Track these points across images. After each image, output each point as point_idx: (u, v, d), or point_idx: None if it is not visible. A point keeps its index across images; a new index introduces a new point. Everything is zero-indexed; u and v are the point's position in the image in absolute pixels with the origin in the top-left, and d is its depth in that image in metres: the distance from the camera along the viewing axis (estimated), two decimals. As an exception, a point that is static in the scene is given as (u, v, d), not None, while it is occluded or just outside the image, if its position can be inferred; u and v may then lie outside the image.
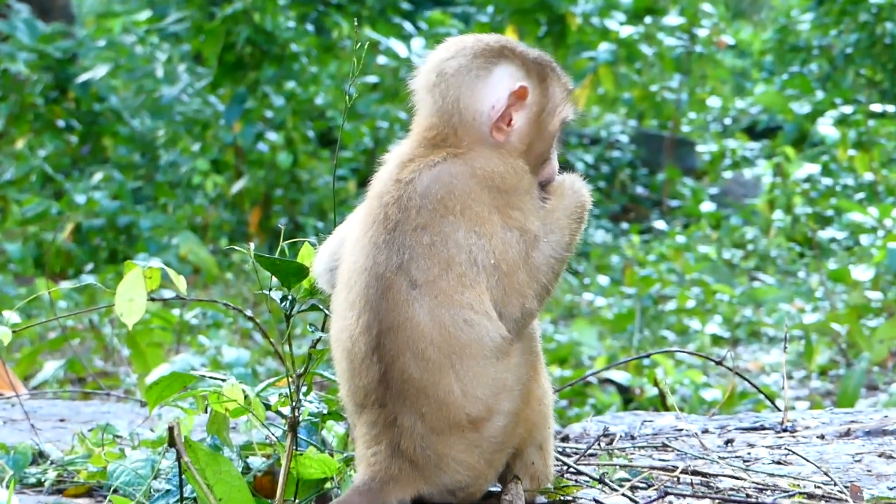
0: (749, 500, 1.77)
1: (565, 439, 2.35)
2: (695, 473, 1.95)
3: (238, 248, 2.20)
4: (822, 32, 14.19)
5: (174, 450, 1.78)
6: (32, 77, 10.19)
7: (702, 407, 4.04)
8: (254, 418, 1.97)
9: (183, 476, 1.85)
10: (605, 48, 11.14)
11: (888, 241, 6.30)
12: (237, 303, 6.34)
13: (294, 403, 1.96)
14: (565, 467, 1.99)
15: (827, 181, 9.55)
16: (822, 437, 2.26)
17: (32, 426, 2.87)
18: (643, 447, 2.22)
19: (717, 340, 5.74)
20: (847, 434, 2.27)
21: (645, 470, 1.98)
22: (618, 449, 2.21)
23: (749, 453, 2.14)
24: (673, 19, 11.83)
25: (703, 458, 2.08)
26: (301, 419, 1.98)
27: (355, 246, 1.68)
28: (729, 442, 2.24)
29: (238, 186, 9.42)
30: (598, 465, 2.05)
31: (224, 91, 9.62)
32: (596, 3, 11.58)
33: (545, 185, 1.79)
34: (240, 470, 1.96)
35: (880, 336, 4.59)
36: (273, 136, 9.50)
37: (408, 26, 11.64)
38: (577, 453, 2.15)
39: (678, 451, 2.16)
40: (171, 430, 1.77)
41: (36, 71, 10.22)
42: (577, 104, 1.86)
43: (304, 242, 2.01)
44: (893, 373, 4.65)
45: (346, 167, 10.30)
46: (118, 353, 5.20)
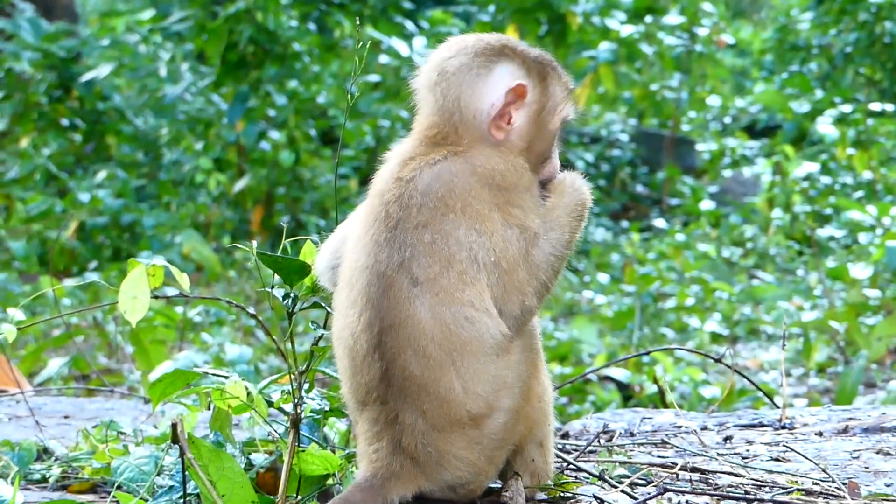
0: (747, 496, 1.77)
1: (565, 436, 2.36)
2: (694, 470, 1.96)
3: (241, 245, 2.19)
4: (821, 32, 14.17)
5: (177, 446, 1.78)
6: (36, 76, 10.18)
7: (701, 404, 4.04)
8: (256, 415, 1.97)
9: (186, 472, 1.85)
10: (605, 47, 11.13)
11: (887, 239, 6.30)
12: (240, 300, 6.34)
13: (296, 400, 1.96)
14: (565, 464, 1.99)
15: (826, 180, 9.55)
16: (821, 435, 2.26)
17: (37, 423, 2.87)
18: (642, 444, 2.23)
19: (716, 338, 5.74)
20: (845, 431, 2.27)
21: (644, 467, 1.99)
22: (617, 446, 2.21)
23: (748, 450, 2.14)
24: (673, 18, 11.82)
25: (702, 455, 2.08)
26: (303, 416, 1.98)
27: (357, 244, 1.68)
28: (728, 439, 2.25)
29: (241, 185, 9.42)
30: (597, 461, 2.05)
31: (227, 90, 9.62)
32: (596, 3, 11.57)
33: (546, 183, 1.78)
34: (242, 466, 1.96)
35: (878, 334, 4.60)
36: (275, 135, 9.50)
37: (409, 25, 11.63)
38: (576, 450, 2.15)
39: (677, 447, 2.16)
40: (174, 426, 1.78)
41: (40, 70, 10.21)
42: (577, 103, 1.86)
43: (306, 240, 2.01)
44: (891, 370, 4.65)
45: (348, 165, 10.30)
46: (122, 350, 5.21)
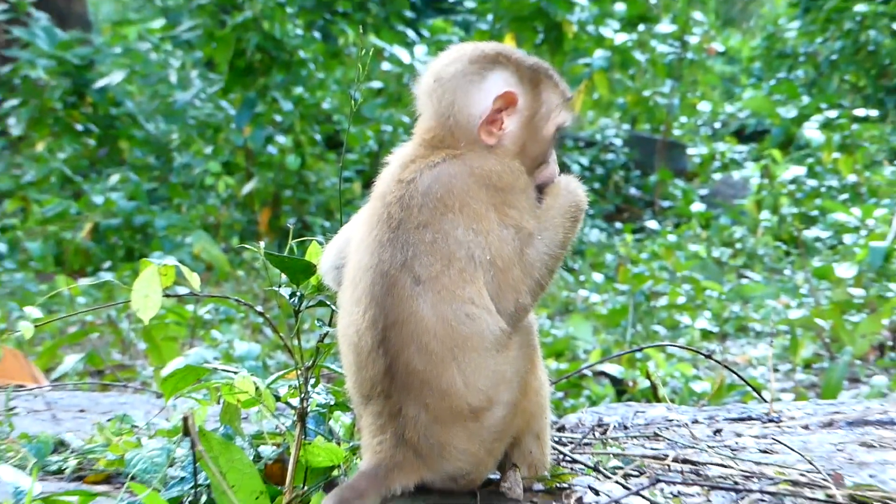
0: (736, 487, 1.77)
1: (561, 429, 2.36)
2: (685, 462, 1.96)
3: (249, 246, 2.20)
4: (808, 40, 14.17)
5: (189, 439, 1.79)
6: (52, 83, 10.19)
7: (692, 398, 4.04)
8: (264, 409, 1.97)
9: (197, 464, 1.86)
10: (599, 55, 11.13)
11: (870, 240, 6.32)
12: (248, 299, 6.34)
13: (303, 395, 1.96)
14: (561, 456, 2.00)
15: (812, 183, 9.55)
16: (807, 428, 2.26)
17: (54, 416, 2.89)
18: (636, 437, 2.23)
19: (706, 335, 5.73)
20: (830, 424, 2.27)
21: (637, 458, 1.99)
22: (611, 438, 2.21)
23: (737, 442, 2.14)
24: (665, 27, 11.81)
25: (693, 448, 2.08)
26: (309, 410, 1.99)
27: (361, 244, 1.69)
28: (717, 432, 2.25)
29: (248, 187, 9.41)
30: (592, 453, 2.06)
31: (235, 96, 9.61)
32: (591, 12, 11.56)
33: (544, 187, 1.79)
34: (251, 458, 1.96)
35: (862, 331, 4.60)
36: (282, 139, 9.50)
37: (411, 34, 11.63)
38: (572, 442, 2.16)
39: (669, 440, 2.17)
40: (185, 420, 1.78)
41: (55, 77, 10.22)
42: (574, 111, 1.86)
43: (311, 241, 2.02)
44: (875, 366, 4.65)
45: (352, 169, 10.30)
46: (135, 346, 5.21)
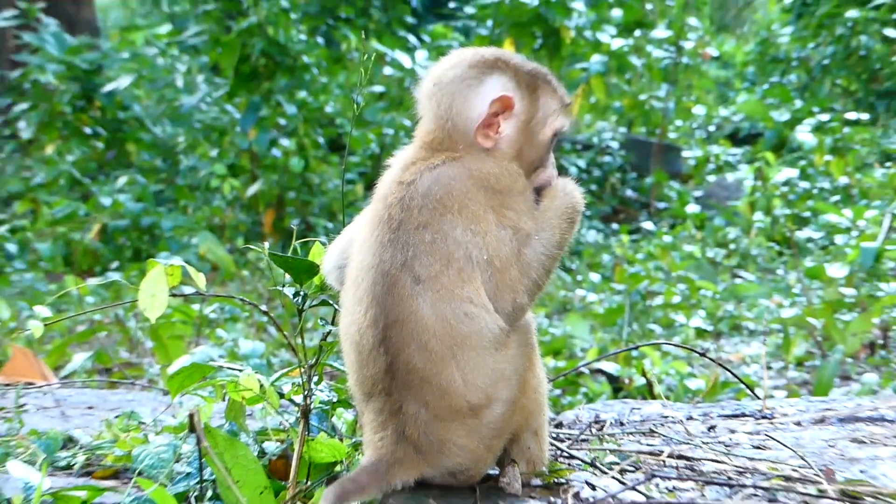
0: (730, 482, 1.77)
1: (559, 425, 2.36)
2: (680, 457, 1.96)
3: (253, 247, 2.21)
4: (800, 45, 14.18)
5: (195, 435, 1.79)
6: (61, 87, 10.19)
7: (686, 395, 4.03)
8: (268, 406, 1.98)
9: (203, 460, 1.86)
10: (596, 59, 11.12)
11: (861, 240, 6.30)
12: (253, 298, 6.34)
13: (306, 392, 1.97)
14: (559, 452, 2.00)
15: (804, 185, 9.55)
16: (799, 424, 2.26)
17: (63, 413, 2.89)
18: (632, 433, 2.23)
19: (700, 333, 5.73)
20: (822, 421, 2.27)
21: (633, 454, 1.99)
22: (608, 435, 2.21)
23: (730, 439, 2.14)
24: (661, 32, 11.81)
25: (688, 444, 2.08)
26: (312, 407, 1.99)
27: (363, 245, 1.69)
28: (711, 428, 2.25)
29: (253, 189, 9.41)
30: (589, 449, 2.06)
31: (240, 100, 9.62)
32: (588, 18, 11.57)
33: (541, 189, 1.79)
34: (256, 454, 1.97)
35: (853, 330, 4.59)
36: (286, 142, 9.50)
37: (412, 39, 11.63)
38: (569, 438, 2.16)
39: (664, 436, 2.17)
40: (191, 416, 1.78)
41: (64, 81, 10.22)
42: (572, 116, 1.85)
43: (315, 242, 2.02)
44: (865, 364, 4.64)
45: (354, 171, 10.30)
46: (142, 345, 5.21)
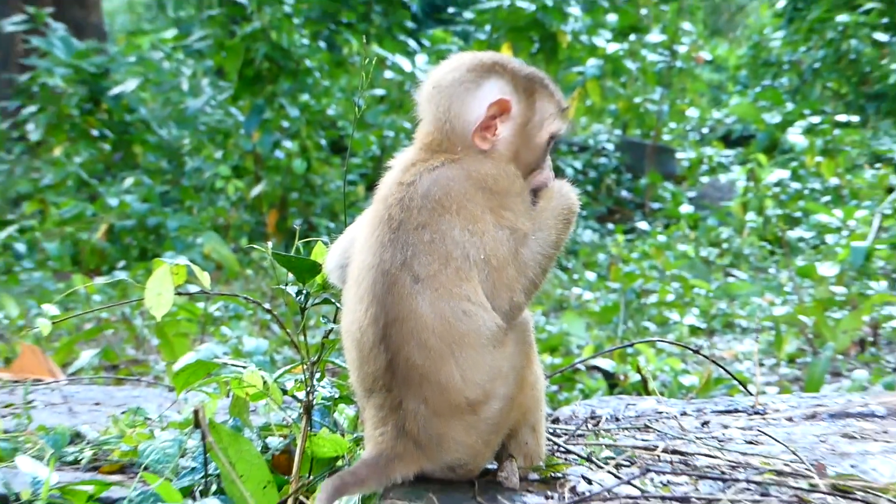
0: (723, 476, 1.77)
1: (556, 421, 2.35)
2: (674, 452, 1.96)
3: (257, 246, 2.20)
4: (792, 49, 14.19)
5: (199, 431, 1.79)
6: (69, 90, 10.19)
7: (680, 392, 4.03)
8: (272, 402, 1.97)
9: (207, 455, 1.86)
10: (592, 63, 11.13)
11: (851, 240, 6.31)
12: (256, 297, 6.34)
13: (308, 388, 1.96)
14: (556, 447, 2.00)
15: (796, 185, 9.55)
16: (791, 420, 2.26)
17: (70, 409, 2.88)
18: (627, 428, 2.23)
19: (694, 331, 5.73)
20: (813, 416, 2.27)
21: (628, 449, 1.99)
22: (604, 430, 2.21)
23: (723, 434, 2.14)
24: (655, 37, 11.81)
25: (682, 439, 2.08)
26: (315, 403, 1.99)
27: (364, 245, 1.68)
28: (705, 424, 2.24)
29: (257, 190, 9.41)
30: (585, 444, 2.05)
31: (244, 103, 9.62)
32: (584, 22, 11.57)
33: (538, 190, 1.78)
34: (259, 449, 1.96)
35: (844, 327, 4.59)
36: (289, 144, 9.50)
37: (412, 43, 11.62)
38: (566, 434, 2.15)
39: (659, 431, 2.16)
40: (196, 412, 1.78)
41: (72, 84, 10.22)
42: (568, 119, 1.84)
43: (317, 242, 2.02)
44: (856, 361, 4.64)
45: (356, 172, 10.30)
46: (148, 342, 5.21)
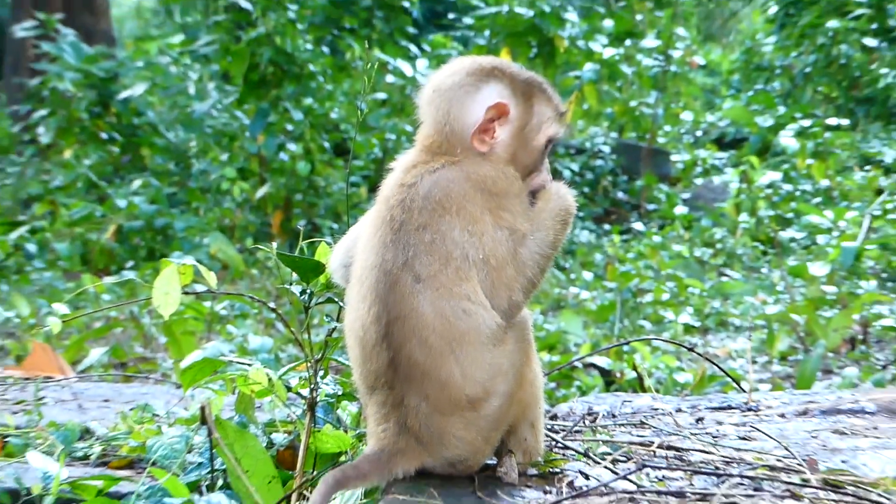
0: (717, 471, 1.77)
1: (554, 417, 2.35)
2: (669, 448, 1.96)
3: (262, 247, 2.20)
4: (783, 54, 14.18)
5: (206, 427, 1.79)
6: (78, 94, 10.18)
7: (675, 389, 4.03)
8: (276, 399, 1.97)
9: (214, 450, 1.86)
10: (589, 68, 11.12)
11: (842, 240, 6.31)
12: (261, 296, 6.34)
13: (312, 385, 1.96)
14: (554, 442, 1.99)
15: (787, 187, 9.55)
16: (783, 416, 2.25)
17: (80, 406, 2.88)
18: (623, 425, 2.22)
19: (688, 329, 5.72)
20: (805, 413, 2.27)
21: (625, 445, 1.99)
22: (600, 426, 2.21)
23: (717, 430, 2.14)
24: (650, 42, 11.81)
25: (677, 435, 2.08)
26: (318, 400, 1.99)
27: (366, 245, 1.68)
28: (699, 420, 2.24)
29: (262, 192, 9.41)
30: (583, 440, 2.05)
31: (249, 106, 9.61)
32: (581, 28, 11.57)
33: (536, 192, 1.78)
34: (264, 445, 1.97)
35: (834, 325, 4.59)
36: (293, 147, 9.49)
37: (413, 48, 11.61)
38: (564, 430, 2.15)
39: (654, 428, 2.16)
40: (202, 409, 1.78)
41: (81, 89, 10.21)
42: (565, 123, 1.84)
43: (320, 242, 2.02)
44: (846, 358, 4.64)
45: (358, 174, 10.29)
46: (156, 340, 5.21)
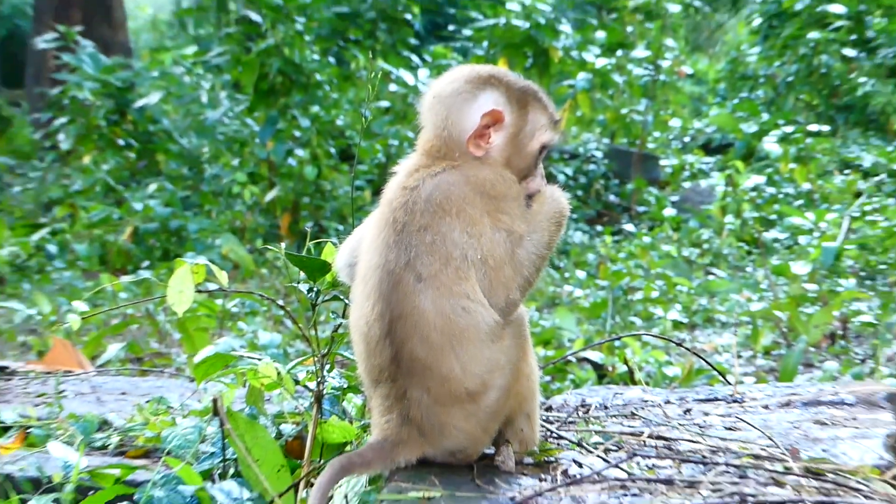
0: (704, 460, 1.77)
1: (549, 409, 2.35)
2: (658, 438, 1.96)
3: (271, 247, 2.21)
4: (767, 64, 14.18)
5: (218, 418, 1.79)
6: (97, 103, 10.18)
7: (664, 381, 4.03)
8: (285, 392, 1.97)
9: (225, 440, 1.86)
10: (582, 77, 11.13)
11: (823, 241, 6.32)
12: (271, 294, 6.34)
13: (319, 379, 1.96)
14: (549, 433, 1.99)
15: (771, 190, 9.56)
16: (767, 407, 2.25)
17: (98, 399, 2.89)
18: (615, 416, 2.22)
19: (677, 325, 5.72)
20: (788, 404, 2.26)
21: (616, 435, 1.99)
22: (593, 417, 2.21)
23: (704, 421, 2.13)
24: (640, 52, 11.81)
25: (666, 425, 2.08)
26: (325, 392, 1.99)
27: (370, 245, 1.68)
28: (687, 411, 2.24)
29: (271, 195, 9.41)
30: (576, 430, 2.05)
31: (259, 114, 9.61)
32: (575, 39, 11.58)
33: (532, 195, 1.78)
34: (273, 435, 1.97)
35: (815, 322, 4.59)
36: (300, 153, 9.49)
37: (415, 58, 11.61)
38: (558, 421, 2.15)
39: (644, 419, 2.16)
40: (215, 401, 1.78)
41: (100, 98, 10.22)
42: (560, 130, 1.84)
43: (327, 243, 2.02)
44: (827, 353, 4.64)
45: (363, 178, 10.29)
46: (170, 336, 5.21)
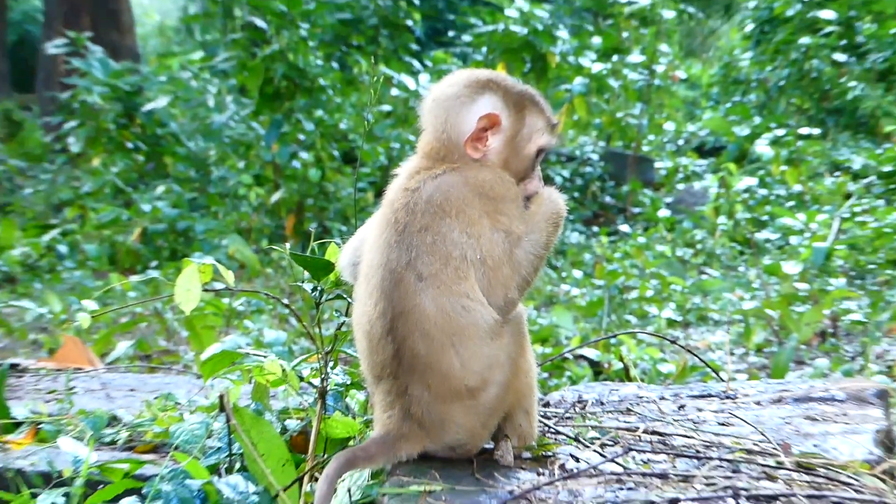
0: (698, 455, 1.77)
1: (546, 405, 2.35)
2: (653, 433, 1.96)
3: (276, 248, 2.20)
4: (759, 68, 14.18)
5: (224, 414, 1.79)
6: (106, 107, 10.19)
7: (659, 378, 4.03)
8: (290, 388, 1.97)
9: (232, 436, 1.86)
10: (579, 81, 11.13)
11: (813, 241, 6.31)
12: (276, 293, 6.34)
13: (323, 376, 1.96)
14: (547, 428, 2.00)
15: (763, 192, 9.55)
16: (759, 403, 2.25)
17: (108, 395, 2.89)
18: (611, 412, 2.22)
19: (671, 323, 5.71)
20: (779, 401, 2.27)
21: (612, 430, 1.99)
22: (590, 413, 2.21)
23: (698, 416, 2.14)
24: (635, 57, 11.80)
25: (660, 421, 2.08)
26: (329, 389, 1.99)
27: (373, 245, 1.68)
28: (681, 407, 2.24)
29: (276, 197, 9.41)
30: (573, 426, 2.05)
31: (264, 118, 9.61)
32: (571, 44, 11.58)
33: (529, 197, 1.78)
34: (278, 430, 1.97)
35: (806, 320, 4.59)
36: (305, 155, 9.49)
37: (416, 63, 11.61)
38: (556, 416, 2.15)
39: (639, 414, 2.16)
40: (221, 398, 1.78)
41: (109, 102, 10.22)
42: (556, 134, 1.83)
43: (330, 243, 2.02)
44: (817, 350, 4.64)
45: (365, 180, 10.29)
46: (178, 334, 5.21)
